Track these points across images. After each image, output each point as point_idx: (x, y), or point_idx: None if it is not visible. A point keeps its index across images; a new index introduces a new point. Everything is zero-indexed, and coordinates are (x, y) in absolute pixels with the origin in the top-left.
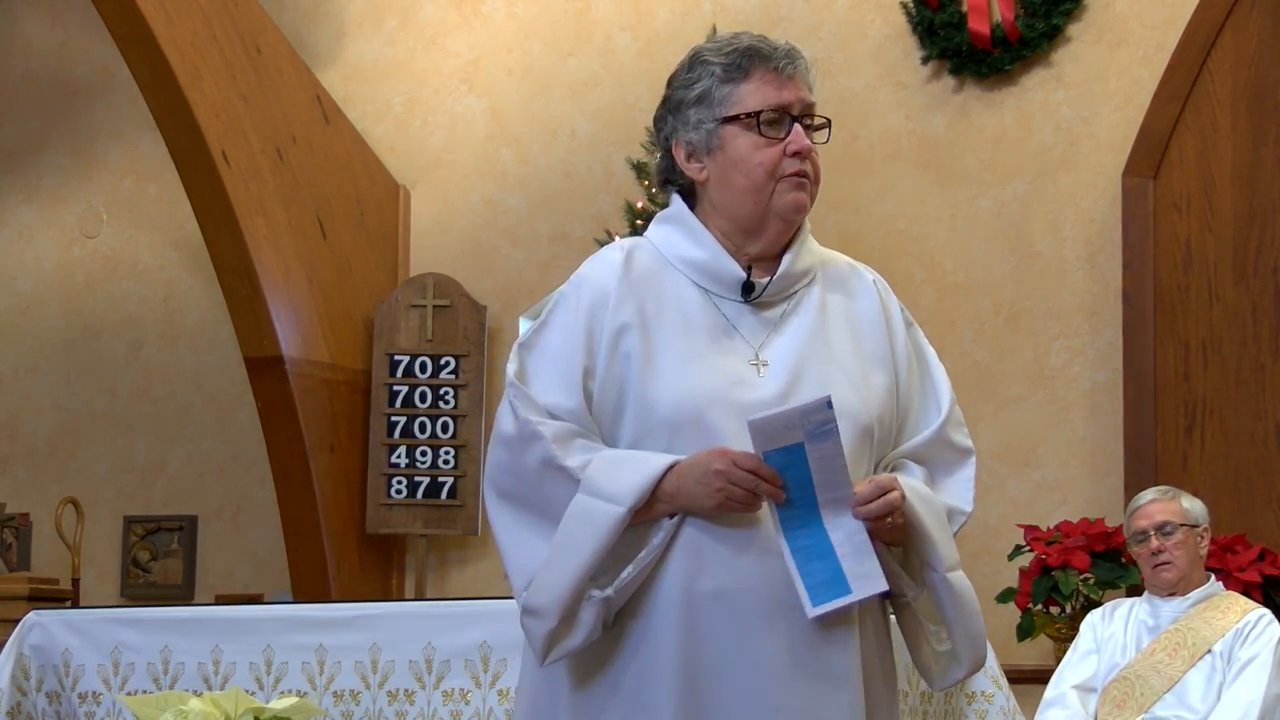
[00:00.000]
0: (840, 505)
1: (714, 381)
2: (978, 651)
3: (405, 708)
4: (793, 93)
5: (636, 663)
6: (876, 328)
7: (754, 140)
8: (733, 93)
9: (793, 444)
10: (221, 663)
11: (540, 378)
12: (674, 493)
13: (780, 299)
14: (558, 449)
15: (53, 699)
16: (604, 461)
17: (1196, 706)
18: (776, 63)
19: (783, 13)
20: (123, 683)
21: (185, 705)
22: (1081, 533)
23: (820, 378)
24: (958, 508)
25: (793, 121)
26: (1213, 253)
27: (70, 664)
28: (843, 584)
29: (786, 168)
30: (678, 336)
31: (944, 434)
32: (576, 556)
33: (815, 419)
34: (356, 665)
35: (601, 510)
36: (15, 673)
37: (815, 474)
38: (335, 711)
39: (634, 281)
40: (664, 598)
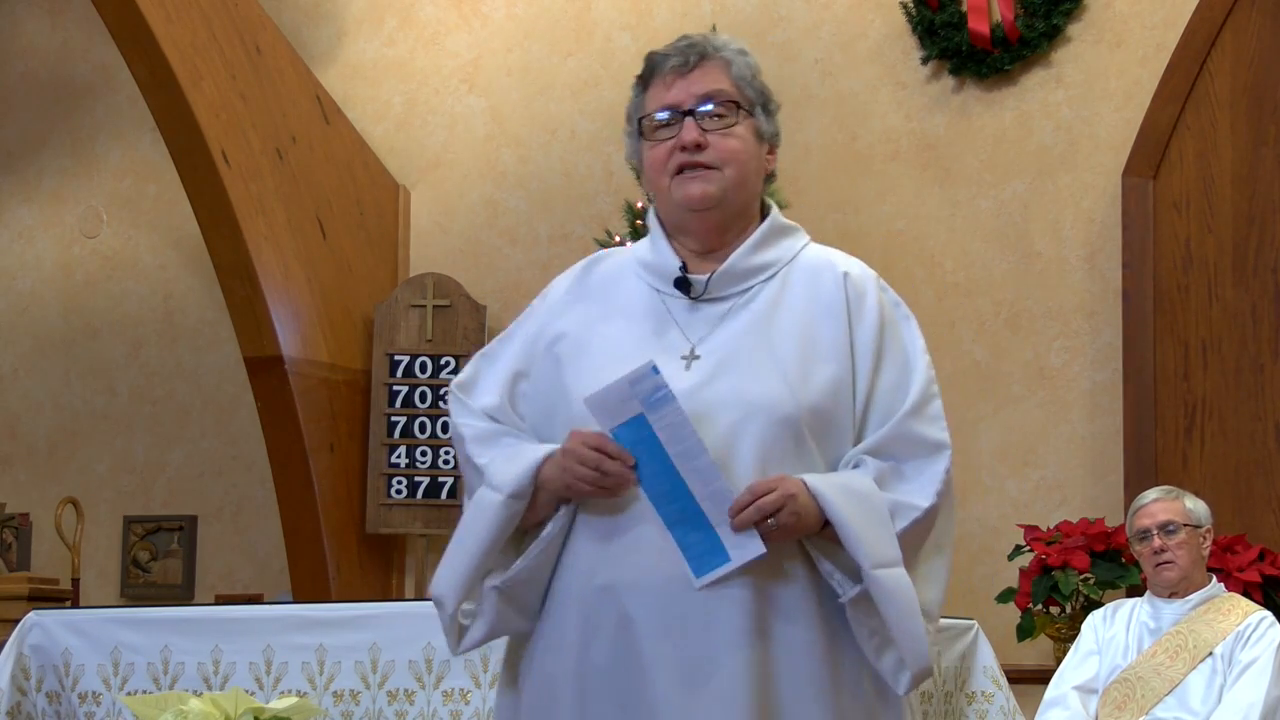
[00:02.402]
0: (705, 474)
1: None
2: (919, 653)
3: (405, 708)
4: (682, 90)
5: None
6: (834, 319)
7: (649, 146)
8: (639, 106)
9: (633, 416)
10: (221, 663)
11: (482, 380)
12: (546, 479)
13: (730, 295)
14: (474, 448)
15: (53, 699)
16: (502, 456)
17: (1197, 709)
18: (666, 67)
19: (783, 13)
20: (123, 683)
21: (185, 705)
22: (1081, 533)
23: (745, 372)
24: (908, 502)
25: (685, 116)
26: (1213, 253)
27: (70, 664)
28: (721, 552)
29: (674, 163)
30: (614, 334)
31: (906, 426)
32: (467, 544)
33: (645, 387)
34: (356, 665)
35: (489, 500)
36: (15, 673)
37: (667, 444)
38: (335, 711)
39: (588, 287)
40: (562, 593)
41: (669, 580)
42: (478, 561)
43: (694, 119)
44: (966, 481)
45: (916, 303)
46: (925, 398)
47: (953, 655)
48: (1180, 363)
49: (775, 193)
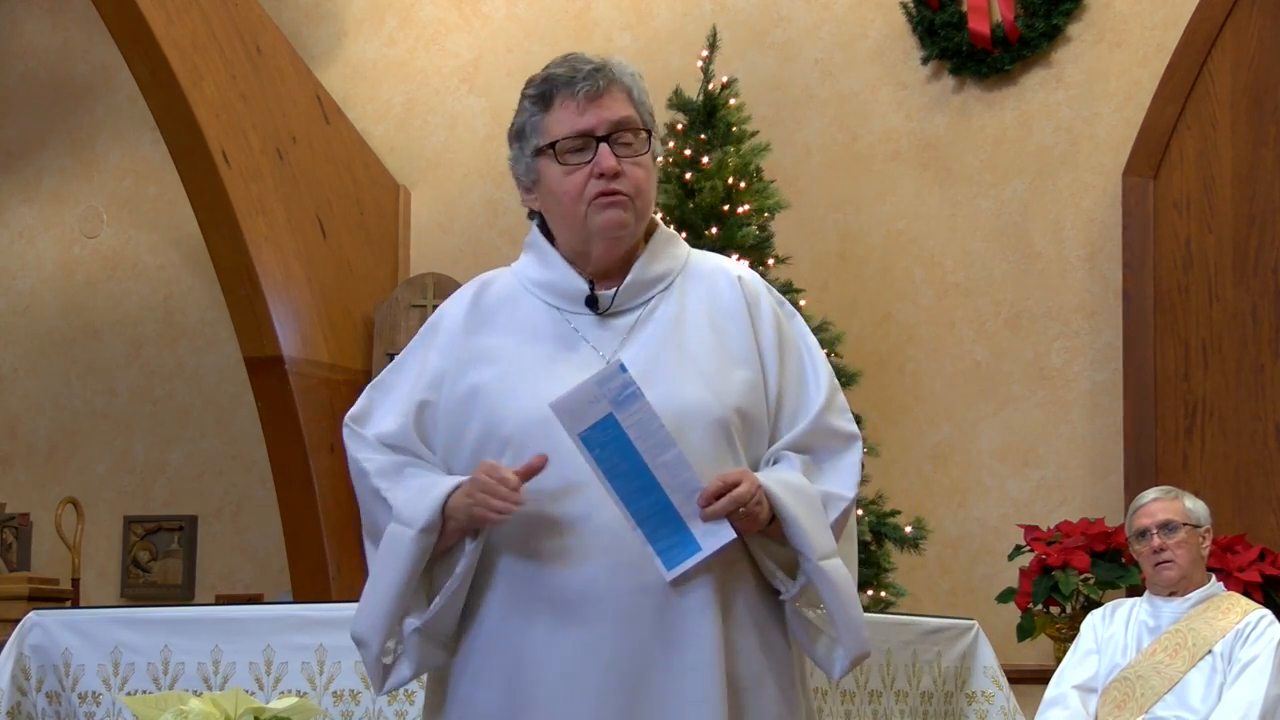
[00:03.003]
0: (673, 467)
1: (557, 391)
2: (860, 639)
3: (405, 708)
4: (595, 115)
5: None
6: (739, 322)
7: (559, 170)
8: (540, 124)
9: (602, 417)
10: (221, 663)
11: (379, 411)
12: (454, 509)
13: (633, 307)
14: (380, 481)
15: (53, 699)
16: (410, 489)
17: (1197, 707)
18: (575, 88)
19: (783, 13)
20: (123, 683)
21: (185, 705)
22: (1081, 533)
23: (671, 379)
24: (836, 493)
25: (599, 143)
26: (1213, 253)
27: (70, 664)
28: (691, 542)
29: (592, 190)
30: (525, 356)
31: (823, 421)
32: (383, 583)
33: (613, 386)
34: (356, 665)
35: (400, 535)
36: (15, 673)
37: (636, 440)
38: (335, 711)
39: (483, 311)
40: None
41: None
42: (395, 601)
43: (608, 145)
44: (966, 481)
45: (917, 303)
46: (833, 391)
47: (953, 655)
48: (1180, 363)
49: (775, 193)
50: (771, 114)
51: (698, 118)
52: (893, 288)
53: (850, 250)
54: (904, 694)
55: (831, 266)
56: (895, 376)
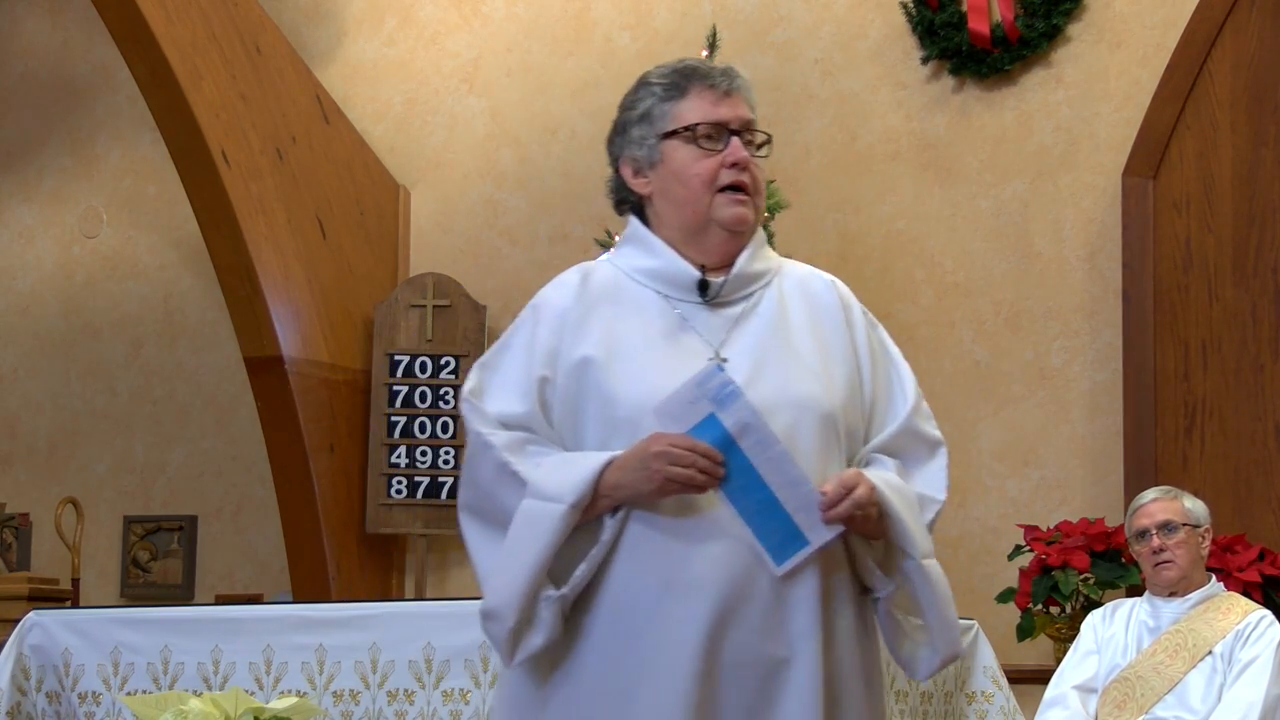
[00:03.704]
0: (778, 463)
1: (672, 378)
2: (953, 639)
3: (405, 708)
4: (729, 109)
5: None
6: (836, 324)
7: (692, 152)
8: (672, 109)
9: (704, 417)
10: (221, 663)
11: (495, 390)
12: (615, 485)
13: (738, 299)
14: (508, 455)
15: (53, 699)
16: (548, 465)
17: (1197, 707)
18: (713, 80)
19: (783, 13)
20: (123, 683)
21: (185, 705)
22: (1081, 533)
23: (782, 372)
24: (931, 496)
25: (731, 135)
26: (1213, 253)
27: (70, 664)
28: (799, 537)
29: (724, 178)
30: (637, 339)
31: (912, 425)
32: (525, 557)
33: (712, 385)
34: (356, 665)
35: (546, 510)
36: (15, 673)
37: (740, 439)
38: (335, 711)
39: (592, 295)
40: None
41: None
42: (536, 574)
43: (740, 140)
44: (966, 481)
45: (916, 303)
46: (919, 397)
47: None
48: (1180, 363)
49: (775, 193)
50: (771, 114)
51: None
52: (892, 288)
53: (850, 250)
54: (904, 694)
55: (831, 267)
56: None
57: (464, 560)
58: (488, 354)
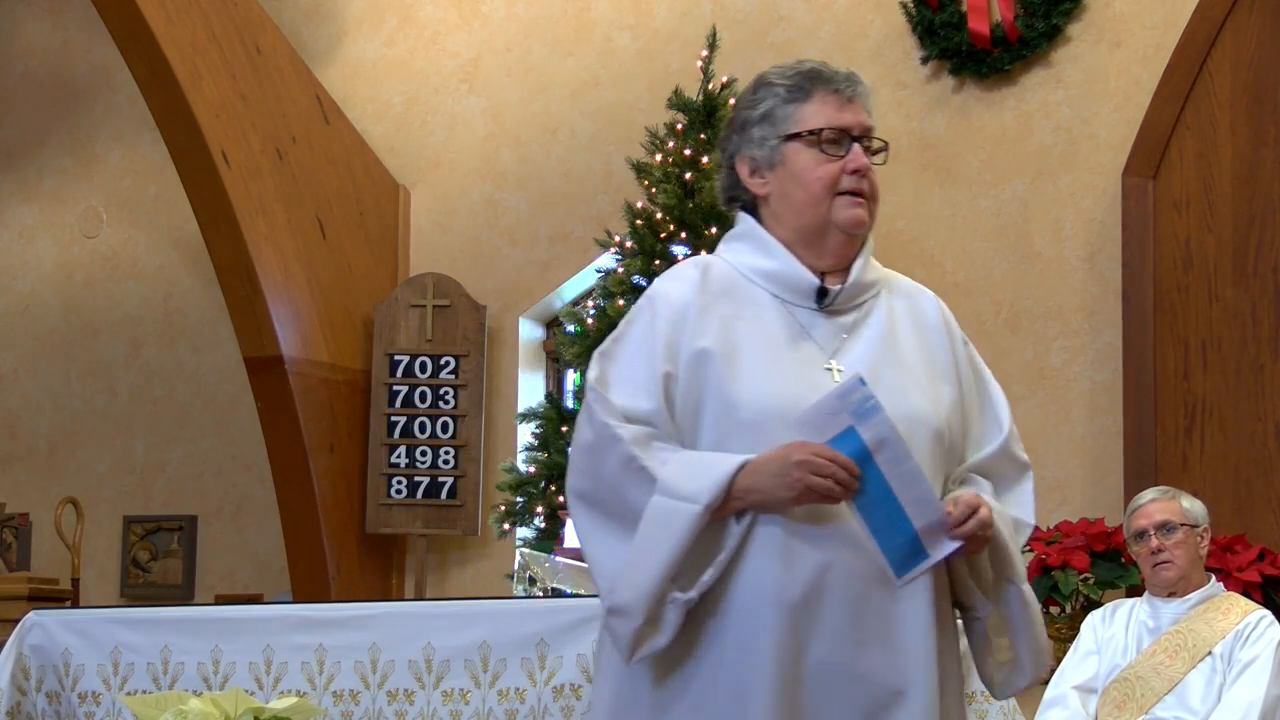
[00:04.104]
0: (910, 479)
1: (792, 385)
2: (1042, 663)
3: (405, 708)
4: (853, 115)
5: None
6: (940, 341)
7: (815, 156)
8: (795, 112)
9: (843, 429)
10: (221, 663)
11: (620, 383)
12: (748, 489)
13: (851, 307)
14: (636, 449)
15: (53, 699)
16: (679, 463)
17: (1196, 708)
18: (837, 85)
19: (783, 13)
20: (122, 683)
21: (185, 705)
22: (1081, 533)
23: (894, 386)
24: (1024, 520)
25: (852, 141)
26: (1213, 253)
27: (70, 664)
28: (921, 550)
29: (845, 184)
30: (757, 342)
31: (1008, 448)
32: (657, 556)
33: (854, 399)
34: (356, 665)
35: (680, 510)
36: (15, 673)
37: (876, 453)
38: (335, 711)
39: (712, 292)
40: (747, 596)
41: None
42: (667, 573)
43: (861, 146)
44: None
45: None
46: (1011, 421)
47: None
48: (1180, 363)
49: None
50: None
51: (697, 118)
52: None
53: None
54: None
55: None
56: None
57: (464, 560)
58: (606, 343)
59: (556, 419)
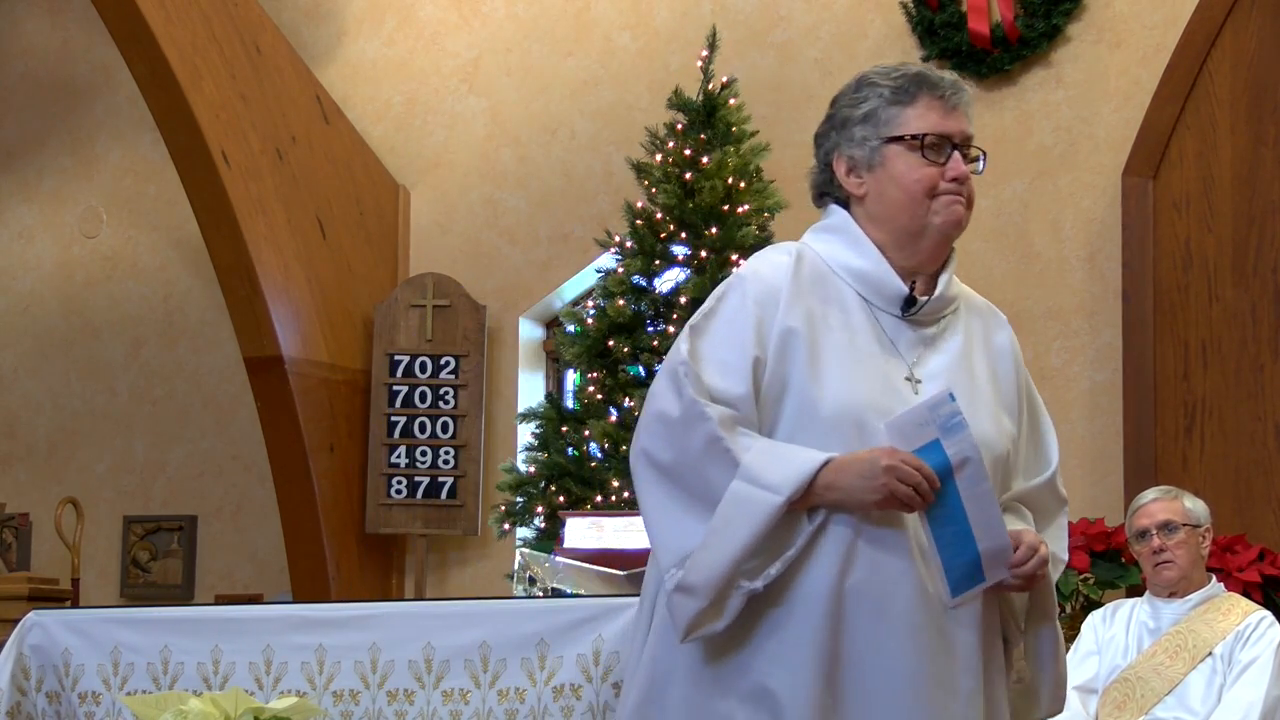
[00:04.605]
0: (983, 500)
1: (874, 389)
2: (1060, 698)
3: (405, 708)
4: (955, 123)
5: (773, 649)
6: (1008, 367)
7: (916, 160)
8: (899, 115)
9: (928, 441)
10: (221, 663)
11: (710, 362)
12: (830, 486)
13: (933, 319)
14: (724, 431)
15: (53, 699)
16: (763, 451)
17: (1197, 708)
18: (943, 91)
19: (783, 13)
20: (123, 683)
21: (185, 705)
22: (1081, 533)
23: (968, 406)
24: (1060, 556)
25: (953, 149)
26: (1213, 253)
27: (70, 664)
28: (979, 573)
29: (944, 190)
30: (842, 341)
31: (1052, 484)
32: (733, 541)
33: (943, 413)
34: (356, 665)
35: (760, 498)
36: (15, 673)
37: (957, 470)
38: (335, 711)
39: (803, 282)
40: (808, 591)
41: (915, 587)
42: (742, 559)
43: (962, 154)
44: None
45: None
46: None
47: None
48: (1180, 363)
49: (775, 193)
50: (771, 114)
51: (697, 118)
52: None
53: None
54: None
55: None
56: None
57: (464, 560)
58: (696, 317)
59: (556, 419)
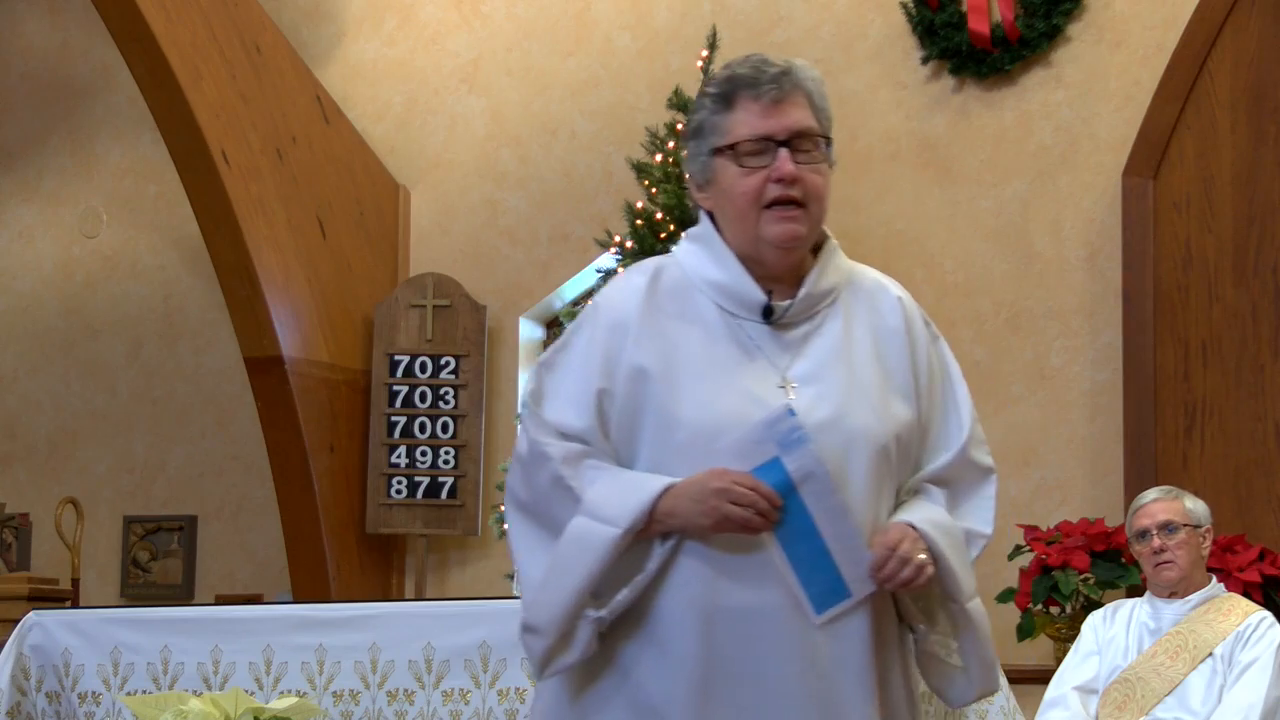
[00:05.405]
0: (834, 514)
1: (734, 404)
2: (991, 677)
3: (405, 708)
4: (778, 120)
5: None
6: (899, 345)
7: (737, 171)
8: (721, 123)
9: (768, 460)
10: (221, 663)
11: (555, 398)
12: (670, 513)
13: (802, 319)
14: (565, 469)
15: (53, 699)
16: (606, 483)
17: (1197, 709)
18: (759, 90)
19: (783, 13)
20: (122, 683)
21: (185, 705)
22: (1081, 533)
23: (841, 402)
24: (978, 531)
25: (779, 147)
26: (1213, 253)
27: (70, 664)
28: (842, 589)
29: (769, 194)
30: (701, 359)
31: (967, 454)
32: (572, 577)
33: (781, 429)
34: (356, 665)
35: (599, 532)
36: (15, 673)
37: (800, 486)
38: (335, 711)
39: (658, 305)
40: (678, 612)
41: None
42: (581, 595)
43: (788, 151)
44: None
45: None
46: (974, 423)
47: None
48: (1180, 363)
49: None
50: None
51: None
52: None
53: (850, 250)
54: None
55: None
56: None
57: (464, 560)
58: (548, 352)
59: None
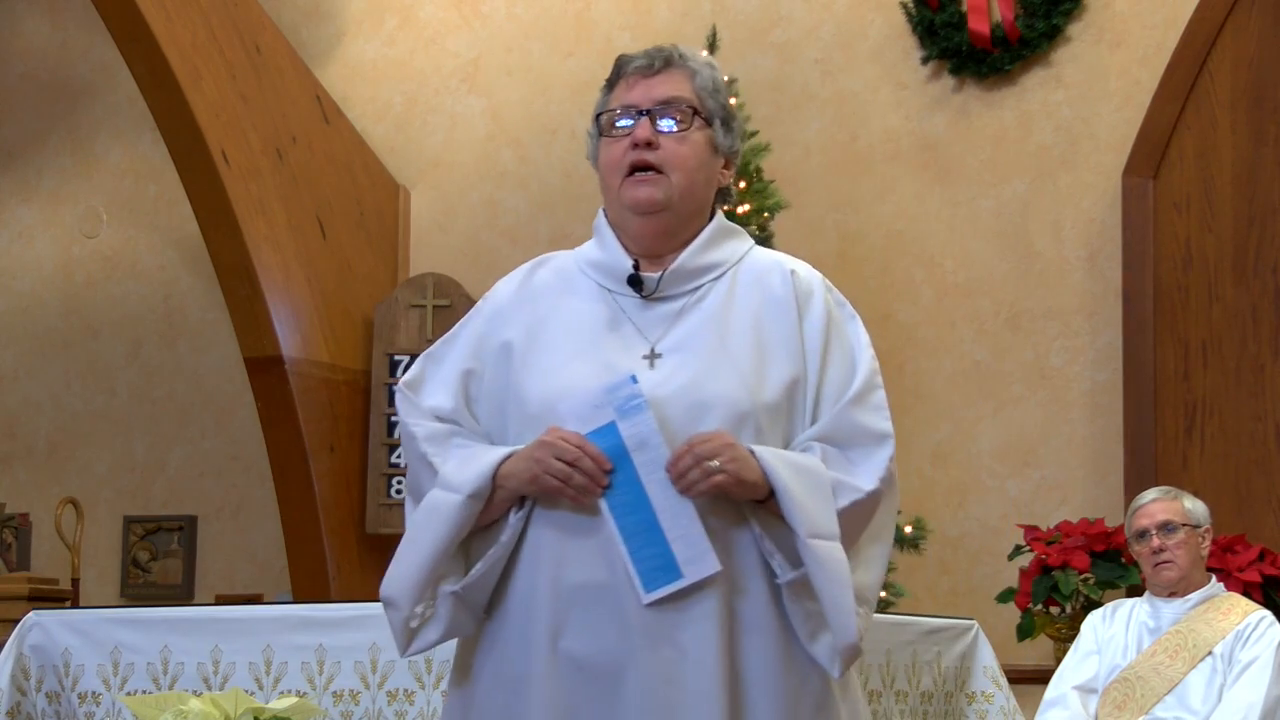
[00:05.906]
0: (667, 486)
1: (589, 373)
2: (846, 627)
3: (405, 708)
4: (639, 92)
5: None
6: (785, 317)
7: (605, 142)
8: (603, 104)
9: (605, 423)
10: (221, 663)
11: (431, 381)
12: (508, 475)
13: (680, 294)
14: (428, 447)
15: (52, 699)
16: (461, 458)
17: (1197, 708)
18: (633, 67)
19: (783, 13)
20: (122, 683)
21: (185, 705)
22: (1081, 533)
23: (702, 369)
24: (850, 482)
25: (641, 116)
26: (1213, 253)
27: (70, 664)
28: (674, 569)
29: (627, 160)
30: (565, 336)
31: (848, 415)
32: (422, 546)
33: (620, 395)
34: (356, 665)
35: (445, 500)
36: (15, 673)
37: (633, 452)
38: (335, 711)
39: (533, 290)
40: (526, 587)
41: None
42: (433, 564)
43: (649, 118)
44: (966, 481)
45: (916, 303)
46: (868, 388)
47: (953, 655)
48: (1180, 363)
49: (775, 193)
50: (771, 114)
51: None
52: (892, 288)
53: (850, 250)
54: (904, 694)
55: (831, 267)
56: (895, 376)
57: None
58: (435, 344)
59: None
